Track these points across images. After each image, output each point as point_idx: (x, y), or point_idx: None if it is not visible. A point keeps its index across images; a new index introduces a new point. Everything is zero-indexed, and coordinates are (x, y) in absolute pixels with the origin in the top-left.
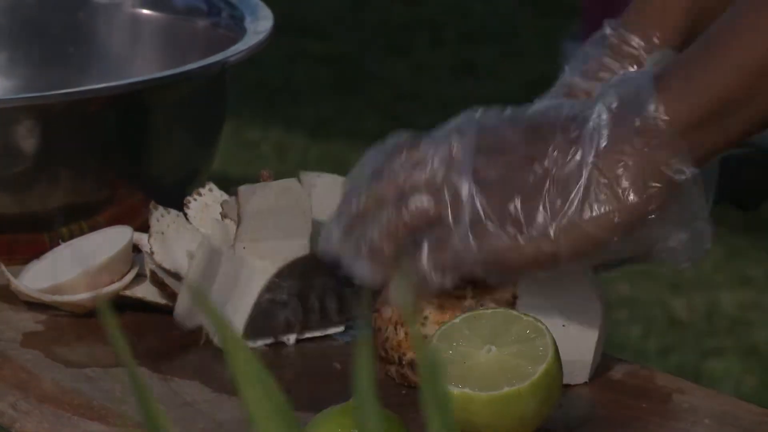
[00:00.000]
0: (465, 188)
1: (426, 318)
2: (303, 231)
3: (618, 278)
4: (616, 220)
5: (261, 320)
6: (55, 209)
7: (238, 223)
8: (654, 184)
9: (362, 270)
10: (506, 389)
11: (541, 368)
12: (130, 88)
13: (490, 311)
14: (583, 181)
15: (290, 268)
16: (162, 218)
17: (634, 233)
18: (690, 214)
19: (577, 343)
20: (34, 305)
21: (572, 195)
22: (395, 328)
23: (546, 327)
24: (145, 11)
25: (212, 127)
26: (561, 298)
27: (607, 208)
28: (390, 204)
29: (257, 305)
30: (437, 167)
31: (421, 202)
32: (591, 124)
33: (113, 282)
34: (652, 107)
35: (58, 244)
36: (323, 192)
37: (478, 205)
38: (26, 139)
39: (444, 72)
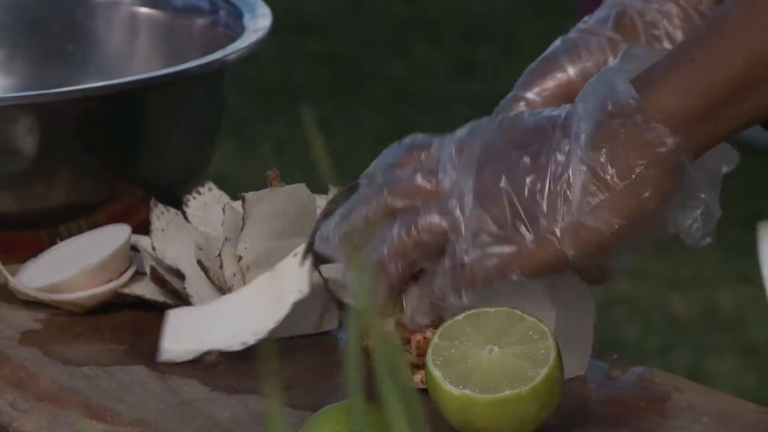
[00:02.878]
0: (467, 203)
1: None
2: (306, 231)
3: (617, 277)
4: (611, 208)
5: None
6: (53, 207)
7: (242, 227)
8: (640, 162)
9: (360, 285)
10: (507, 392)
11: (543, 372)
12: (128, 87)
13: (493, 310)
14: (574, 176)
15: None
16: (162, 215)
17: (639, 221)
18: (690, 189)
19: (574, 335)
20: (32, 304)
21: (568, 192)
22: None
23: (549, 329)
24: (144, 9)
25: (211, 125)
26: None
27: (600, 198)
28: (399, 221)
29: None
30: (442, 180)
31: (431, 220)
32: (575, 120)
33: (111, 280)
34: (621, 88)
35: (57, 243)
36: None
37: (479, 218)
38: (25, 137)
39: (443, 71)
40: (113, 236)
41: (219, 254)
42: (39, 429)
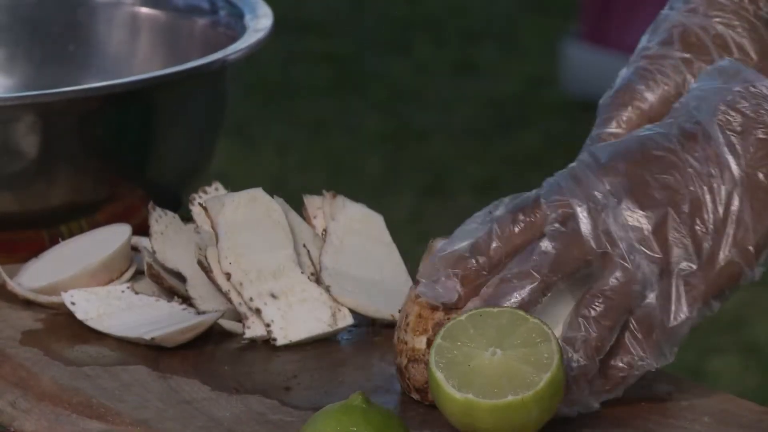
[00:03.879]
0: (645, 263)
1: (408, 324)
2: (285, 242)
3: None
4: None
5: None
6: (54, 207)
7: (217, 239)
8: None
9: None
10: (510, 398)
11: (546, 377)
12: (129, 87)
13: (496, 310)
14: (741, 197)
15: None
16: (160, 219)
17: None
18: None
19: None
20: (33, 303)
21: (734, 216)
22: (397, 332)
23: (552, 332)
24: (145, 9)
25: (212, 125)
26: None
27: None
28: (580, 306)
29: None
30: (590, 244)
31: (621, 289)
32: (716, 141)
33: (112, 280)
34: None
35: (58, 242)
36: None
37: (658, 260)
38: (26, 137)
39: (444, 70)
40: (114, 236)
41: (205, 257)
42: (40, 428)
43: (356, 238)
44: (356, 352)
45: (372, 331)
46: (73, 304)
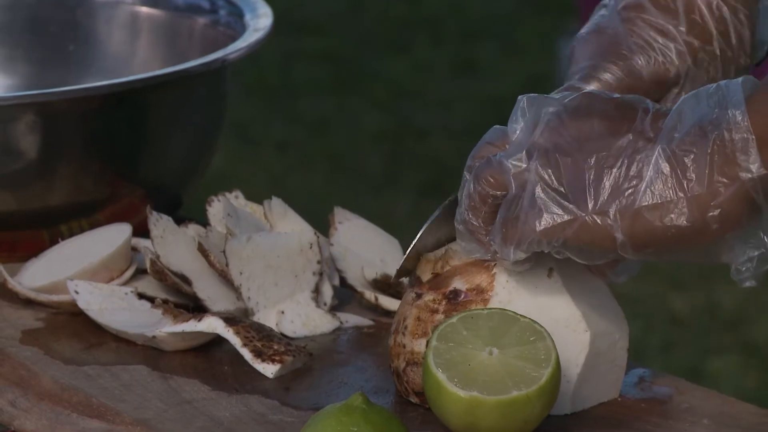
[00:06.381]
0: (534, 157)
1: (406, 327)
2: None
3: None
4: (676, 210)
5: None
6: (55, 207)
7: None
8: (720, 179)
9: (461, 243)
10: (515, 393)
11: (547, 372)
12: (129, 86)
13: (486, 311)
14: (651, 167)
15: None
16: (158, 222)
17: (697, 235)
18: (756, 229)
19: (608, 358)
20: (34, 302)
21: (639, 179)
22: (393, 335)
23: (545, 329)
24: (145, 9)
25: (212, 124)
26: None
27: (668, 196)
28: (469, 179)
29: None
30: (512, 132)
31: (494, 170)
32: (674, 116)
33: (112, 279)
34: (734, 99)
35: (58, 242)
36: (348, 232)
37: (545, 176)
38: (26, 136)
39: (443, 69)
40: (114, 236)
41: (224, 251)
42: (40, 428)
43: (366, 241)
44: (356, 354)
45: (372, 333)
46: (76, 293)
